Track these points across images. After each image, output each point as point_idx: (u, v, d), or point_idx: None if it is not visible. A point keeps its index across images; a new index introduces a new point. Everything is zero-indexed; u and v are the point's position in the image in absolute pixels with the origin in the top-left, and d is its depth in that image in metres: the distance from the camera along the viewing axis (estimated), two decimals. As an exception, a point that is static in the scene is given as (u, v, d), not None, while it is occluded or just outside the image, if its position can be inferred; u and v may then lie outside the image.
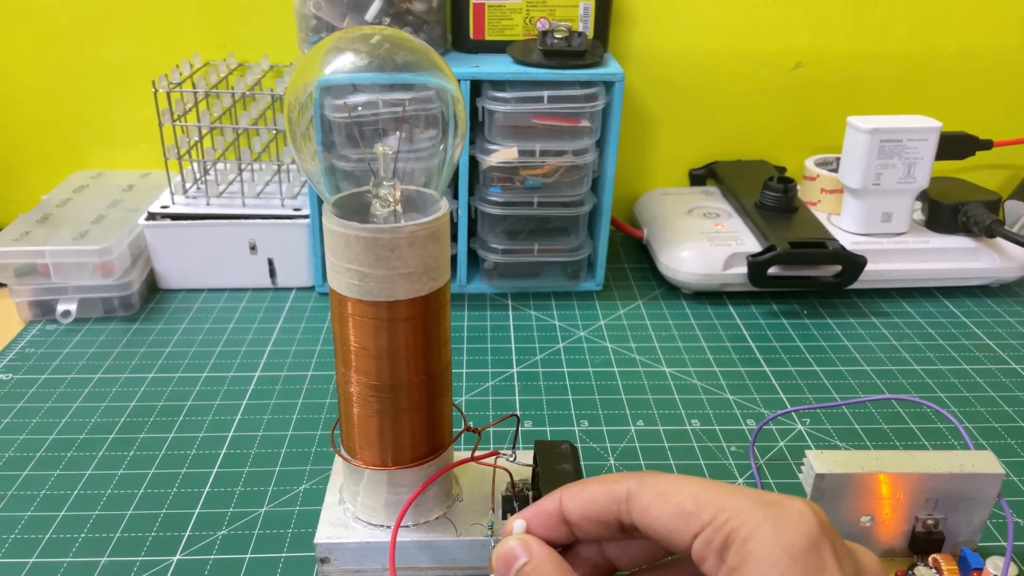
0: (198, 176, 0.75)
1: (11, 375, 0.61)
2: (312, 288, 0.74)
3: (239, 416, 0.57)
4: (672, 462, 0.53)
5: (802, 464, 0.44)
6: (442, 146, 0.39)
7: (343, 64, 0.39)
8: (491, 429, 0.55)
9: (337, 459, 0.49)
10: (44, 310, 0.68)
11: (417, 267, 0.39)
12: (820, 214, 0.77)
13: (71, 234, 0.68)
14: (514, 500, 0.44)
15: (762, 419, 0.57)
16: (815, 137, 0.86)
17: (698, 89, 0.83)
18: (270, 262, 0.73)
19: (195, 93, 0.72)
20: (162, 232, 0.71)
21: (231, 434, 0.55)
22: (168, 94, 0.70)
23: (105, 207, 0.74)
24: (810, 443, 0.55)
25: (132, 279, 0.69)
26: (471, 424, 0.47)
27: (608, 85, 0.67)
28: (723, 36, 0.81)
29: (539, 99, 0.67)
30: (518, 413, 0.56)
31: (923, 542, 0.44)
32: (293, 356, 0.64)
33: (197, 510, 0.49)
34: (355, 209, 0.41)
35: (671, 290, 0.75)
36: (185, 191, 0.73)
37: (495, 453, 0.45)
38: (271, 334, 0.67)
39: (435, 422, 0.43)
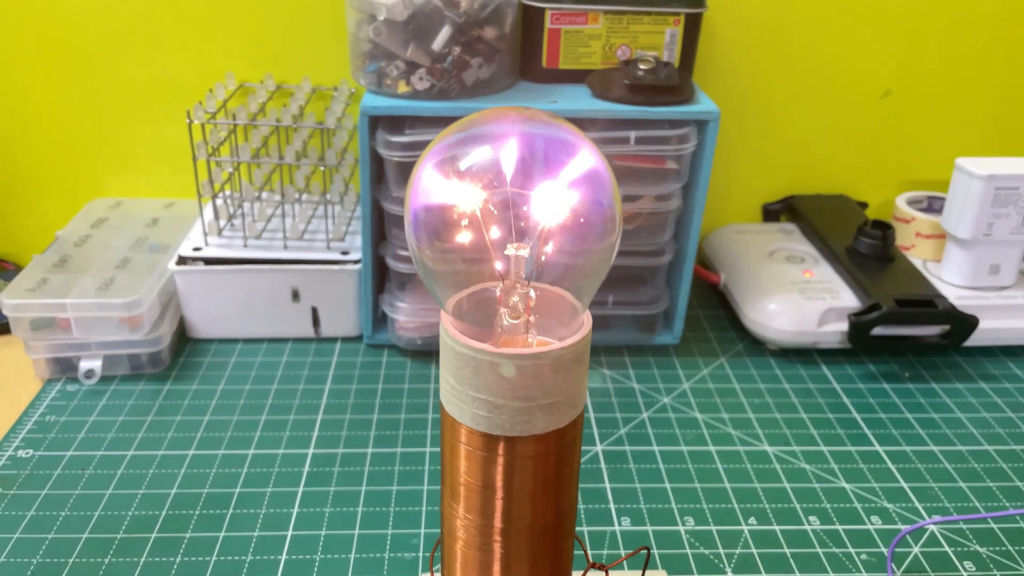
0: (232, 213, 0.67)
1: (32, 451, 0.54)
2: (359, 338, 0.67)
3: (296, 509, 0.50)
4: (798, 575, 0.46)
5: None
6: (597, 247, 0.32)
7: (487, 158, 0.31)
8: (588, 534, 0.49)
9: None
10: (64, 367, 0.61)
11: (559, 396, 0.32)
12: (915, 260, 0.70)
13: (94, 283, 0.61)
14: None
15: (886, 515, 0.51)
16: (899, 170, 0.79)
17: (775, 117, 0.76)
18: (314, 311, 0.66)
19: (234, 124, 0.64)
20: (194, 278, 0.64)
21: (290, 533, 0.48)
22: (203, 126, 0.62)
23: (129, 247, 0.67)
24: (946, 547, 0.48)
25: (162, 332, 0.62)
26: (596, 561, 0.40)
27: (701, 124, 0.60)
28: (805, 62, 0.74)
29: (624, 140, 0.60)
30: (649, 547, 0.48)
31: None
32: (349, 427, 0.57)
33: (262, 640, 0.42)
34: (474, 316, 0.33)
35: (754, 344, 0.68)
36: (220, 231, 0.66)
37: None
38: (320, 397, 0.60)
39: (558, 565, 0.36)
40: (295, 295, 0.65)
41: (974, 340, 0.65)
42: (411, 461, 0.54)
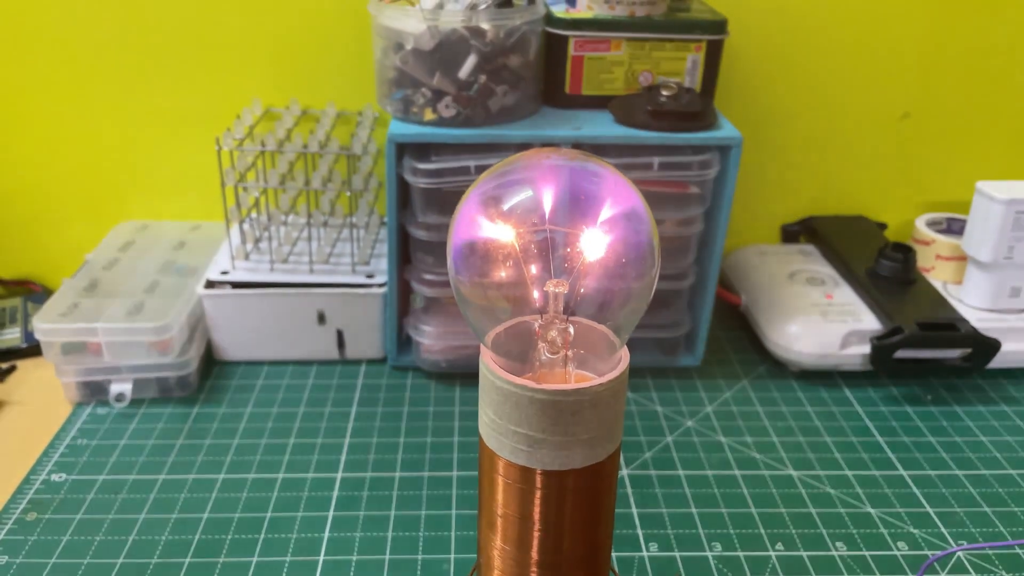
0: (259, 236, 0.68)
1: (65, 475, 0.55)
2: (384, 361, 0.68)
3: (327, 533, 0.50)
4: (827, 601, 0.47)
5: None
6: (636, 284, 0.33)
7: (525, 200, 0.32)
8: (617, 560, 0.49)
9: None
10: (94, 391, 0.62)
11: (598, 431, 0.32)
12: (935, 282, 0.71)
13: (124, 307, 0.62)
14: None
15: (913, 540, 0.51)
16: (919, 192, 0.79)
17: (794, 139, 0.77)
18: (339, 333, 0.67)
19: (262, 150, 0.65)
20: (222, 302, 0.65)
21: (322, 558, 0.49)
22: (232, 153, 0.63)
23: (157, 270, 0.68)
24: (973, 574, 0.49)
25: (190, 356, 0.62)
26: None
27: (723, 150, 0.61)
28: (824, 85, 0.74)
29: (648, 166, 0.60)
30: (680, 573, 0.49)
31: None
32: (376, 451, 0.58)
33: (297, 667, 0.42)
34: (512, 349, 0.34)
35: (776, 366, 0.68)
36: (247, 255, 0.67)
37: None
38: (347, 420, 0.61)
39: (595, 595, 0.37)
40: (321, 318, 0.66)
41: (996, 363, 0.65)
42: (439, 485, 0.55)
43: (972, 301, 0.68)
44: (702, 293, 0.65)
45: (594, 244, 0.32)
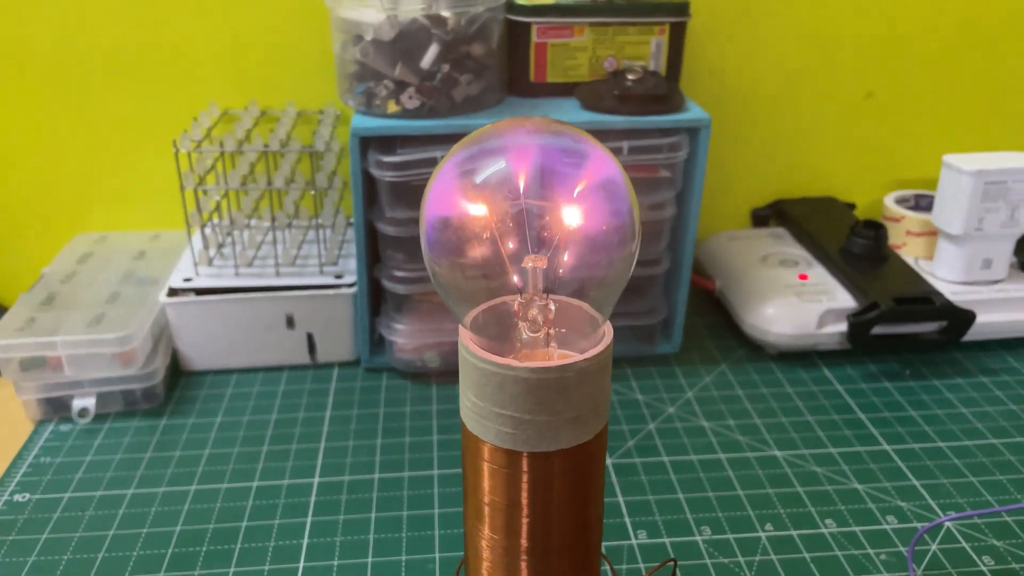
0: (221, 241, 0.66)
1: (28, 495, 0.52)
2: (356, 363, 0.66)
3: (307, 540, 0.49)
4: (820, 579, 0.46)
5: (970, 572, 0.38)
6: (617, 256, 0.31)
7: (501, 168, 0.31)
8: (606, 549, 0.48)
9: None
10: (56, 407, 0.59)
11: (585, 409, 0.31)
12: (907, 258, 0.71)
13: (84, 319, 0.60)
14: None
15: (901, 515, 0.50)
16: (885, 171, 0.79)
17: (759, 123, 0.76)
18: (309, 337, 0.65)
19: (222, 152, 0.63)
20: (186, 309, 0.63)
21: (302, 564, 0.47)
22: (189, 155, 0.61)
23: (117, 281, 0.65)
24: (963, 543, 0.48)
25: (156, 367, 0.60)
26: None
27: (692, 132, 0.60)
28: (787, 68, 0.74)
29: (617, 151, 0.59)
30: (675, 559, 0.47)
31: None
32: (353, 454, 0.56)
33: (281, 677, 0.41)
34: (492, 331, 0.33)
35: (754, 349, 0.68)
36: (210, 260, 0.65)
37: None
38: (322, 424, 0.59)
39: (587, 581, 0.36)
40: (290, 322, 0.64)
41: (971, 335, 0.65)
42: (420, 485, 0.53)
43: (945, 275, 0.68)
44: (677, 279, 0.65)
45: (572, 216, 0.31)
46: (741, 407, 0.61)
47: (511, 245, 0.31)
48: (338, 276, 0.64)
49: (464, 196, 0.31)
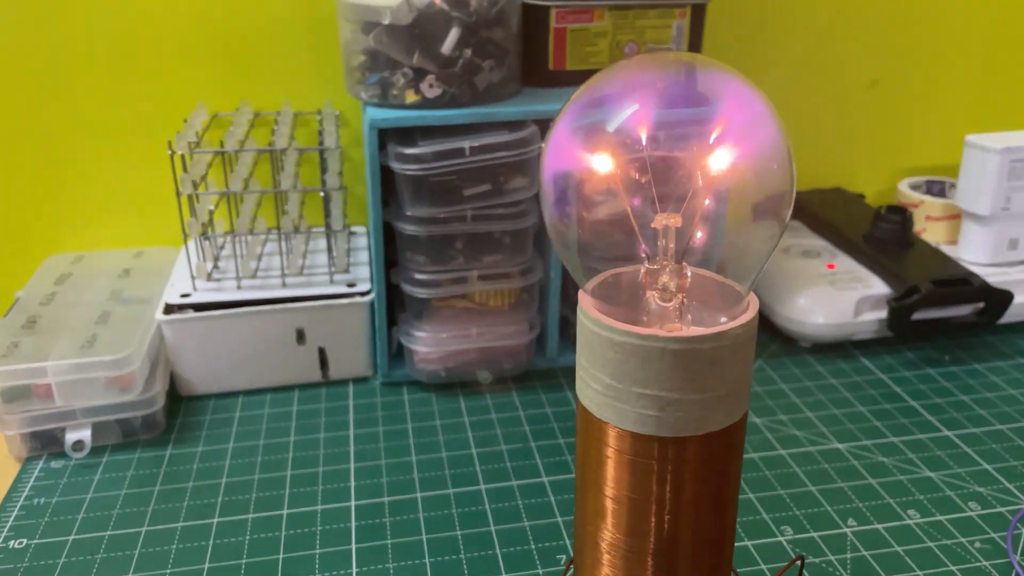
0: (217, 253, 0.61)
1: (26, 540, 0.46)
2: (371, 378, 0.61)
3: (355, 568, 0.44)
4: (921, 573, 0.43)
5: None
6: (765, 214, 0.28)
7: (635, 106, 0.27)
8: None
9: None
10: (45, 442, 0.53)
11: (736, 385, 0.27)
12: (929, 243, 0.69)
13: (74, 342, 0.54)
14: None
15: (982, 500, 0.48)
16: (893, 159, 0.78)
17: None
18: (321, 351, 0.60)
19: (221, 153, 0.58)
20: (186, 327, 0.57)
21: (355, 597, 0.42)
22: (185, 159, 0.56)
23: (104, 300, 0.59)
24: (1053, 525, 0.46)
25: (156, 392, 0.54)
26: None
27: (724, 115, 0.57)
28: (795, 55, 0.73)
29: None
30: (802, 554, 0.44)
31: None
32: (388, 473, 0.51)
33: None
34: (614, 299, 0.29)
35: (786, 342, 0.65)
36: (208, 274, 0.59)
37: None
38: (347, 444, 0.54)
39: (721, 585, 0.32)
40: (300, 336, 0.59)
41: (1005, 317, 0.64)
42: (469, 502, 0.48)
43: (972, 257, 0.66)
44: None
45: (714, 164, 0.27)
46: (789, 401, 0.58)
47: (636, 203, 0.28)
48: (350, 284, 0.60)
49: (584, 148, 0.27)
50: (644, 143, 0.27)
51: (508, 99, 0.57)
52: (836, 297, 0.62)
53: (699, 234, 0.28)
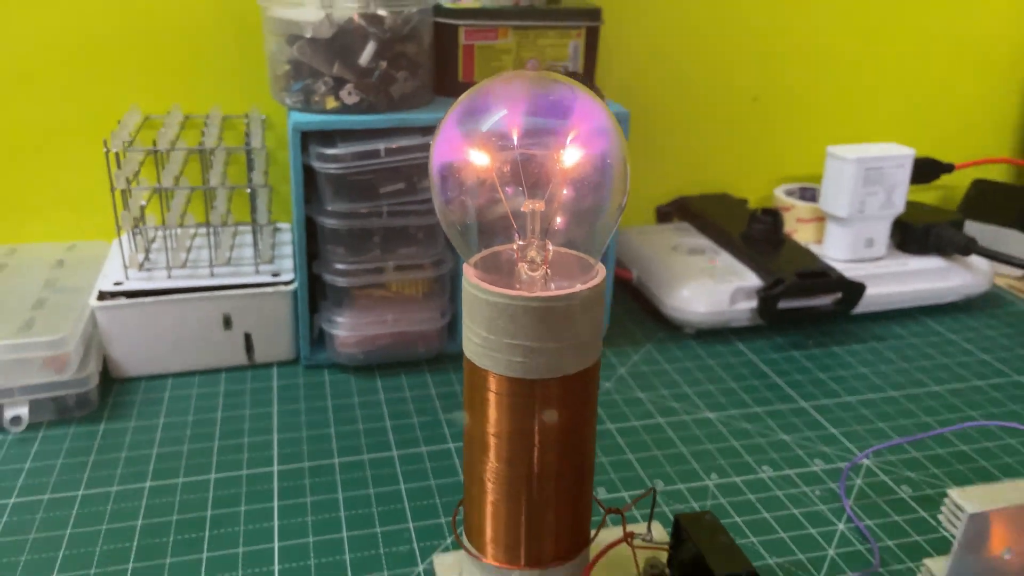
0: (148, 247, 0.65)
1: (-33, 505, 0.50)
2: (296, 361, 0.66)
3: (277, 522, 0.49)
4: (767, 515, 0.50)
5: (893, 499, 0.43)
6: (606, 200, 0.35)
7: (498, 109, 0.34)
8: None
9: (441, 561, 0.42)
10: (-17, 418, 0.57)
11: (587, 335, 0.34)
12: (799, 242, 0.78)
13: (12, 325, 0.57)
14: (657, 582, 0.40)
15: (826, 457, 0.56)
16: (772, 168, 0.87)
17: (661, 125, 0.83)
18: (247, 337, 0.65)
19: (154, 152, 0.62)
20: (119, 313, 0.61)
21: (276, 544, 0.47)
22: (119, 157, 0.61)
23: (40, 289, 0.63)
24: (882, 476, 0.54)
25: (89, 372, 0.59)
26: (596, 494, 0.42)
27: (613, 125, 0.65)
28: (684, 74, 0.81)
29: (547, 142, 0.63)
30: (653, 486, 0.51)
31: (1057, 568, 0.44)
32: (309, 442, 0.56)
33: (276, 645, 0.41)
34: (494, 271, 0.35)
35: (674, 331, 0.73)
36: (140, 264, 0.64)
37: (631, 535, 0.41)
38: (271, 419, 0.59)
39: (579, 511, 0.38)
40: (227, 322, 0.64)
41: (861, 307, 0.73)
42: (381, 465, 0.54)
43: (834, 254, 0.75)
44: (605, 265, 0.69)
45: (565, 163, 0.34)
46: (671, 379, 0.65)
47: (510, 190, 0.34)
48: (275, 274, 0.65)
49: (465, 144, 0.34)
50: (514, 142, 0.33)
51: (421, 107, 0.63)
52: (714, 289, 0.70)
53: (559, 218, 0.34)
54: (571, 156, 0.34)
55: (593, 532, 0.40)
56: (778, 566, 0.46)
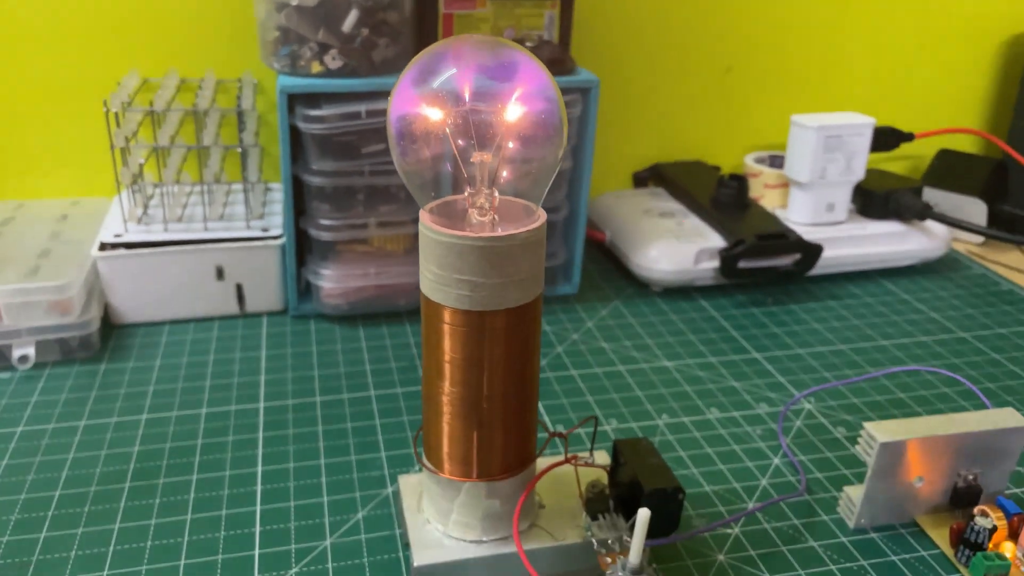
0: (146, 203, 0.70)
1: (-21, 432, 0.55)
2: (284, 312, 0.71)
3: (261, 450, 0.54)
4: (710, 450, 0.55)
5: (827, 438, 0.47)
6: (546, 154, 0.39)
7: (449, 70, 0.38)
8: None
9: (405, 481, 0.47)
10: (-6, 357, 0.61)
11: (528, 273, 0.38)
12: (766, 207, 0.82)
13: (19, 270, 0.62)
14: (598, 501, 0.45)
15: (771, 401, 0.60)
16: (744, 136, 0.91)
17: (637, 94, 0.86)
18: (238, 287, 0.69)
19: (151, 112, 0.67)
20: (118, 263, 0.66)
21: (260, 469, 0.52)
22: (119, 116, 0.65)
23: (45, 240, 0.68)
24: (821, 419, 0.58)
25: (91, 316, 0.63)
26: (553, 429, 0.46)
27: (584, 92, 0.69)
28: (660, 43, 0.85)
29: (520, 107, 0.67)
30: (594, 415, 0.56)
31: (964, 496, 0.48)
32: (293, 383, 0.61)
33: (256, 551, 0.46)
34: (448, 217, 0.40)
35: (641, 288, 0.77)
36: (139, 218, 0.68)
37: (575, 457, 0.45)
38: (258, 363, 0.64)
39: (525, 431, 0.43)
40: (219, 273, 0.68)
41: (819, 268, 0.77)
42: (359, 404, 0.59)
43: (797, 218, 0.79)
44: (574, 226, 0.73)
45: (511, 117, 0.38)
46: (634, 331, 0.70)
47: (460, 143, 0.38)
48: (264, 229, 0.69)
49: (420, 101, 0.38)
50: (465, 99, 0.38)
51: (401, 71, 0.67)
52: (680, 248, 0.74)
53: (504, 170, 0.38)
54: (514, 112, 0.38)
55: (540, 453, 0.45)
56: (714, 493, 0.51)
